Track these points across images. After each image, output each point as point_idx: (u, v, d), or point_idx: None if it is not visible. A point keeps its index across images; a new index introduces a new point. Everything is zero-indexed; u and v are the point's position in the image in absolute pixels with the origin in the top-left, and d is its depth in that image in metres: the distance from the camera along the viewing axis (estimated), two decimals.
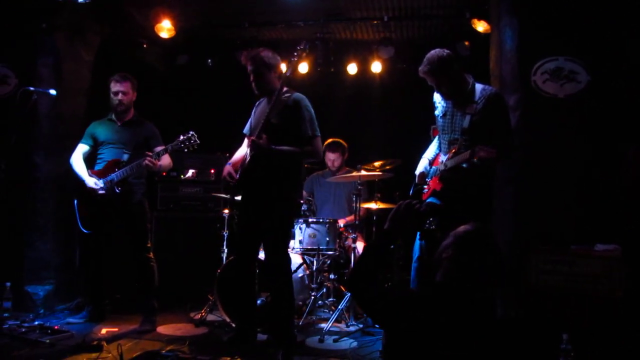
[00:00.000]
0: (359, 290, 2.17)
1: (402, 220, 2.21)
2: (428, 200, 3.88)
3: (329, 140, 5.66)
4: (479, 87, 3.69)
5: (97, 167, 4.60)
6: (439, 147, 3.96)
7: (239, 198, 4.42)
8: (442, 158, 3.81)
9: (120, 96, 4.57)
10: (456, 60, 3.67)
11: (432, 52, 3.67)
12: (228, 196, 5.25)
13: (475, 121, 3.60)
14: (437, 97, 3.87)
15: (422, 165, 4.03)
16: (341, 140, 5.74)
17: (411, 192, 4.08)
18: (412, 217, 2.21)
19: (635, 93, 4.14)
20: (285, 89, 4.00)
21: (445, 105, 3.79)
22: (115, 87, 4.58)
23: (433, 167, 3.95)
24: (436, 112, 3.89)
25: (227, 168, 4.04)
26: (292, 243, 4.99)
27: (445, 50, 3.66)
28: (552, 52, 4.25)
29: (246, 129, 4.21)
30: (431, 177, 3.90)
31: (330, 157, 5.67)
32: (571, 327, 3.54)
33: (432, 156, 4.05)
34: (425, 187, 3.94)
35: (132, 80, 4.65)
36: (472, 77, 3.73)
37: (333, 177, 5.54)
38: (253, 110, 4.21)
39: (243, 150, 4.19)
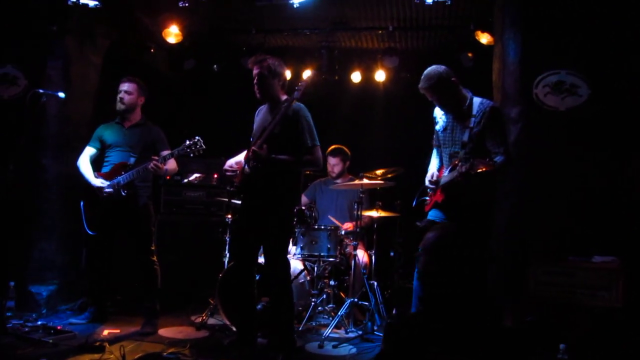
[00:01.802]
0: None
1: None
2: (430, 213, 3.92)
3: (332, 147, 5.71)
4: (477, 100, 3.74)
5: (104, 170, 4.65)
6: (441, 161, 4.01)
7: (238, 202, 4.47)
8: (445, 171, 3.86)
9: (122, 94, 4.63)
10: (453, 75, 3.72)
11: (430, 68, 3.72)
12: (227, 200, 5.29)
13: (474, 134, 3.66)
14: (437, 112, 3.94)
15: (429, 174, 4.08)
16: (343, 147, 5.79)
17: (414, 203, 4.12)
18: None
19: (636, 106, 4.19)
20: (284, 97, 4.05)
21: (446, 119, 3.86)
22: (121, 86, 4.66)
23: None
24: (437, 127, 3.95)
25: (229, 162, 4.13)
26: (293, 249, 5.03)
27: (442, 67, 3.71)
28: (554, 66, 4.31)
29: (252, 139, 4.27)
30: (435, 190, 3.94)
31: (330, 162, 5.72)
32: (568, 338, 3.58)
33: (437, 166, 4.09)
34: (428, 198, 3.99)
35: (140, 83, 4.71)
36: (470, 92, 3.79)
37: (335, 184, 5.59)
38: (255, 119, 4.26)
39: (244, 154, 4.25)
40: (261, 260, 4.37)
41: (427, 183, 4.06)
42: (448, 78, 3.68)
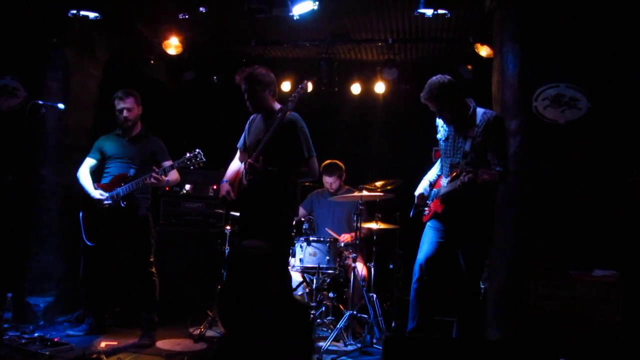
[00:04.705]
0: None
1: None
2: (428, 224, 3.91)
3: (326, 162, 5.63)
4: (479, 111, 3.74)
5: (104, 181, 4.65)
6: (441, 170, 4.00)
7: (236, 214, 4.45)
8: (444, 181, 3.86)
9: (125, 113, 4.62)
10: (457, 85, 3.72)
11: (433, 78, 3.72)
12: (224, 211, 5.29)
13: (476, 144, 3.66)
14: (439, 121, 3.93)
15: (422, 187, 4.08)
16: (338, 162, 5.73)
17: (412, 213, 4.12)
18: None
19: (636, 119, 4.19)
20: (278, 106, 4.04)
21: (447, 129, 3.85)
22: (119, 104, 4.63)
23: (434, 189, 3.99)
24: (438, 136, 3.94)
25: (225, 187, 4.07)
26: (292, 261, 5.01)
27: (447, 77, 3.71)
28: (553, 79, 4.31)
29: (239, 144, 4.24)
30: (432, 199, 3.94)
31: (327, 180, 5.67)
32: (569, 352, 3.56)
33: (434, 178, 4.09)
34: (427, 209, 3.98)
35: (136, 95, 4.70)
36: (473, 101, 3.78)
37: (334, 196, 5.58)
38: (247, 126, 4.24)
39: (236, 164, 4.23)
40: None
41: (416, 199, 4.05)
42: (451, 89, 3.68)
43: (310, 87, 3.94)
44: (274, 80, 4.06)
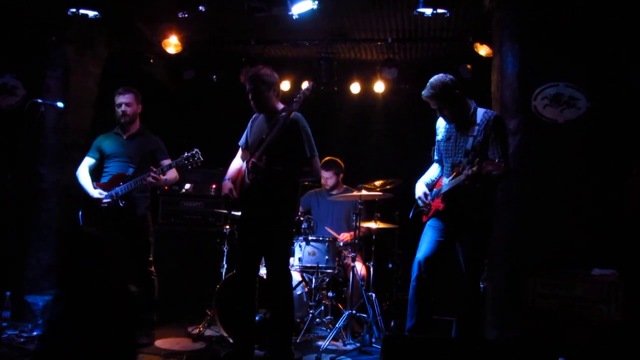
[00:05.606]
0: None
1: None
2: (429, 222, 3.91)
3: (325, 159, 5.63)
4: (480, 110, 3.76)
5: (103, 180, 4.63)
6: (442, 170, 4.00)
7: (238, 213, 4.46)
8: (445, 180, 3.86)
9: (123, 107, 4.62)
10: (458, 84, 3.74)
11: (435, 77, 3.74)
12: (226, 211, 5.29)
13: (477, 143, 3.67)
14: (440, 123, 3.94)
15: (420, 190, 4.04)
16: (337, 159, 5.73)
17: (411, 214, 4.11)
18: None
19: (636, 118, 4.20)
20: (281, 106, 4.04)
21: (448, 129, 3.86)
22: (119, 99, 4.64)
23: (435, 189, 3.99)
24: (439, 137, 3.95)
25: (227, 185, 4.07)
26: (291, 260, 5.01)
27: (448, 75, 3.73)
28: (552, 78, 4.32)
29: (241, 142, 4.25)
30: (433, 198, 3.94)
31: (324, 175, 5.64)
32: (568, 351, 3.56)
33: (430, 180, 4.08)
34: (428, 206, 3.97)
35: (136, 92, 4.70)
36: (474, 102, 3.80)
37: (333, 195, 5.57)
38: (249, 124, 4.24)
39: (237, 162, 4.23)
40: (262, 271, 4.35)
41: (419, 201, 4.02)
42: (453, 87, 3.70)
43: (307, 87, 3.92)
44: (278, 81, 4.08)
